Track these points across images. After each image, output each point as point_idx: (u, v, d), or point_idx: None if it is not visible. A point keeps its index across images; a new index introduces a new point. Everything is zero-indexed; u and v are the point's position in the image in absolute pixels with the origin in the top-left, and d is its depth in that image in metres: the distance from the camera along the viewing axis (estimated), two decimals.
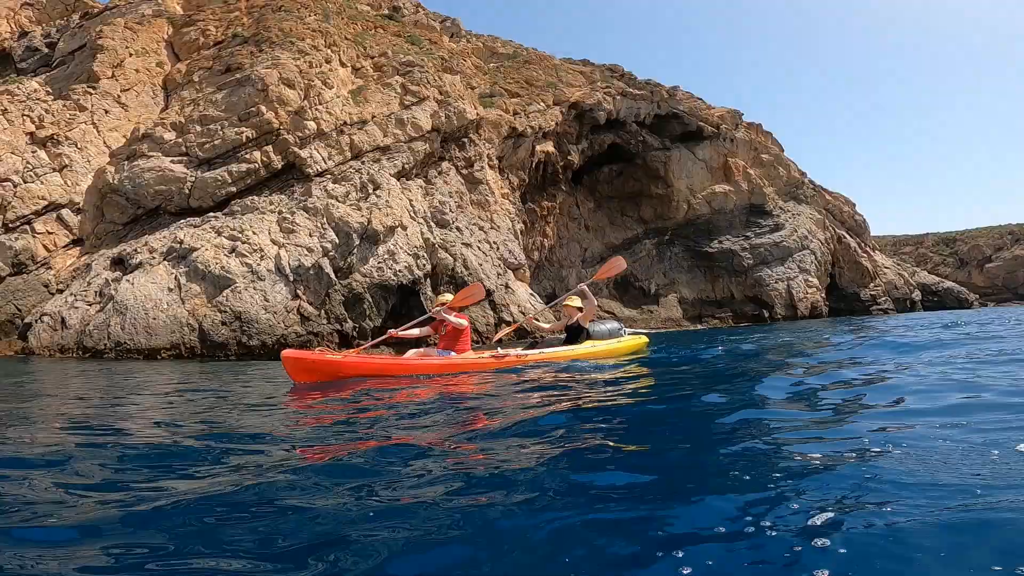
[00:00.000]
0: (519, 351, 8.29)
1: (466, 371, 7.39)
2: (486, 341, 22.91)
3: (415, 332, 8.24)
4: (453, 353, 7.81)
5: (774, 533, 1.75)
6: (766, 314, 34.21)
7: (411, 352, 7.97)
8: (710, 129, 37.21)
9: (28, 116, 19.49)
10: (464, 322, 8.08)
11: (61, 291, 17.42)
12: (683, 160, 36.76)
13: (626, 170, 38.24)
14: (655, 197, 36.89)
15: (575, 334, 8.96)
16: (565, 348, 8.66)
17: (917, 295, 42.04)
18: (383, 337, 8.56)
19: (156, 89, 25.70)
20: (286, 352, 6.95)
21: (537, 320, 9.86)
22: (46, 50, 31.50)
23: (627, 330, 9.78)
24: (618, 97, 37.36)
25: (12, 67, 30.83)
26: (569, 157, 36.56)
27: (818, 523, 1.77)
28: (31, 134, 19.25)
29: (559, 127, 35.48)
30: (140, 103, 24.28)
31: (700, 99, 39.80)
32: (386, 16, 37.38)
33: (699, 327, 32.69)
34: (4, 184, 17.83)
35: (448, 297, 8.32)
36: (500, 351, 8.07)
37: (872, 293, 39.06)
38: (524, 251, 31.01)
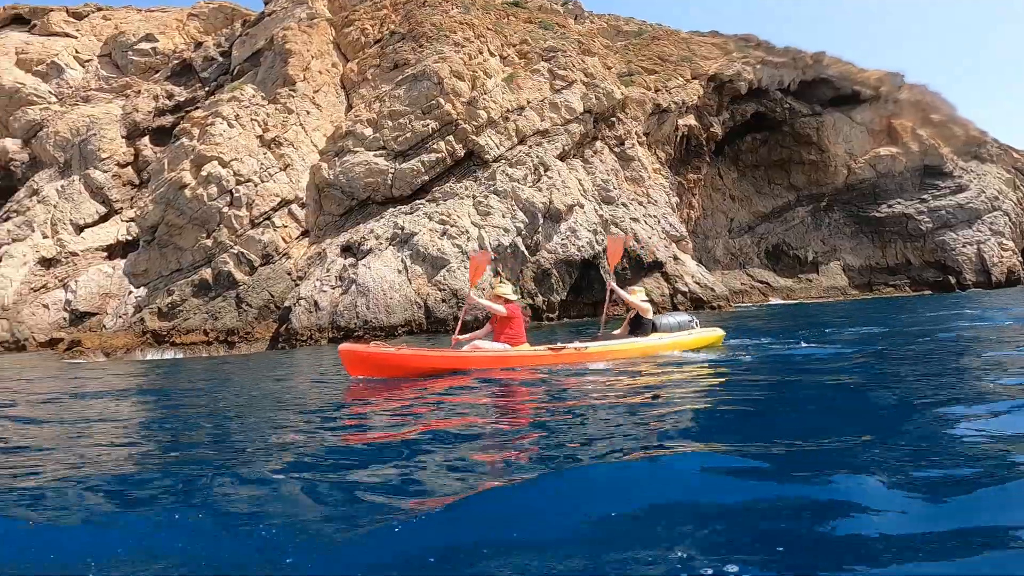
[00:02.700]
0: (577, 344, 7.86)
1: (518, 366, 7.12)
2: (662, 311, 24.10)
3: (479, 333, 8.04)
4: (508, 345, 7.47)
5: None
6: (952, 281, 33.01)
7: (466, 346, 7.65)
8: (867, 92, 36.57)
9: (255, 120, 22.50)
10: (500, 308, 7.61)
11: (302, 278, 20.25)
12: (838, 124, 36.16)
13: (771, 138, 38.07)
14: (808, 163, 36.53)
15: (640, 326, 8.42)
16: (629, 341, 8.17)
17: None
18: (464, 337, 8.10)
19: (337, 88, 28.48)
20: (343, 346, 7.08)
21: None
22: (220, 59, 35.30)
23: (697, 323, 9.17)
24: (758, 66, 37.35)
25: (196, 76, 34.86)
26: (712, 129, 36.96)
27: None
28: (260, 137, 22.25)
29: (699, 100, 36.03)
30: (329, 103, 27.08)
31: (850, 63, 39.03)
32: (511, 3, 38.81)
33: (869, 296, 32.24)
34: (248, 184, 20.84)
35: (505, 287, 7.87)
36: (559, 344, 7.77)
37: None
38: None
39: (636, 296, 8.53)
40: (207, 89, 33.07)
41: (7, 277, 21.49)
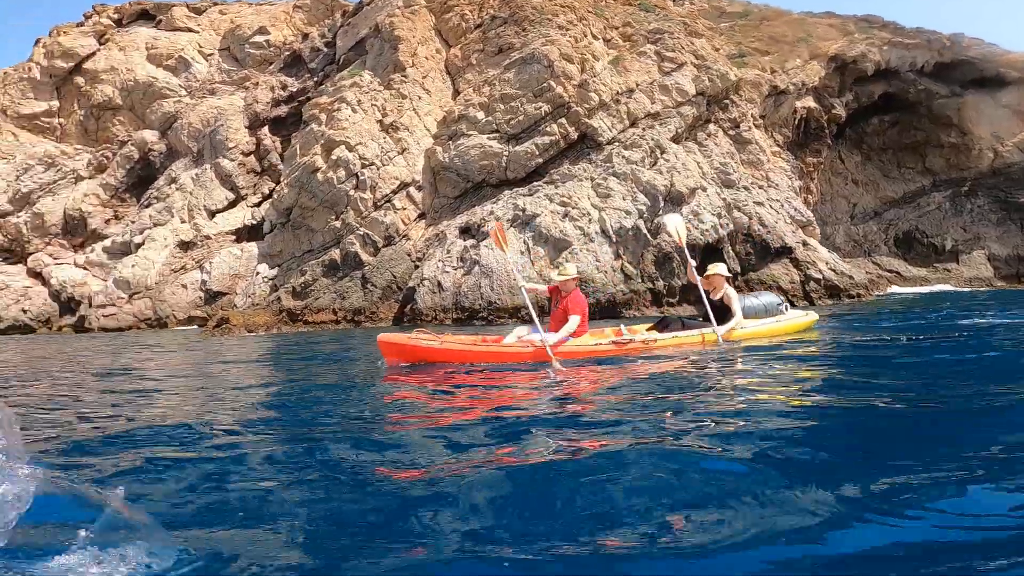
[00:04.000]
0: (645, 333, 7.33)
1: (577, 359, 6.66)
2: (793, 299, 23.31)
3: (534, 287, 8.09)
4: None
5: None
6: None
7: (512, 334, 7.28)
8: (1013, 74, 34.57)
9: (374, 105, 23.57)
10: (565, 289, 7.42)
11: (421, 259, 21.06)
12: (981, 106, 34.27)
13: (902, 119, 36.47)
14: (947, 146, 34.78)
15: (719, 312, 7.71)
16: (706, 329, 7.59)
17: None
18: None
19: (443, 74, 29.34)
20: (381, 336, 7.04)
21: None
22: (325, 49, 37.08)
23: (788, 305, 8.42)
24: (884, 47, 36.06)
25: (304, 67, 36.76)
26: (834, 111, 35.87)
27: None
28: (380, 122, 23.29)
29: (820, 81, 35.11)
30: (436, 88, 27.96)
31: (993, 44, 37.18)
32: None
33: (1020, 287, 30.15)
34: (371, 167, 21.88)
35: (572, 269, 7.46)
36: (624, 332, 7.21)
37: None
38: None
39: (720, 270, 8.00)
40: (315, 79, 34.91)
41: (150, 259, 23.59)
